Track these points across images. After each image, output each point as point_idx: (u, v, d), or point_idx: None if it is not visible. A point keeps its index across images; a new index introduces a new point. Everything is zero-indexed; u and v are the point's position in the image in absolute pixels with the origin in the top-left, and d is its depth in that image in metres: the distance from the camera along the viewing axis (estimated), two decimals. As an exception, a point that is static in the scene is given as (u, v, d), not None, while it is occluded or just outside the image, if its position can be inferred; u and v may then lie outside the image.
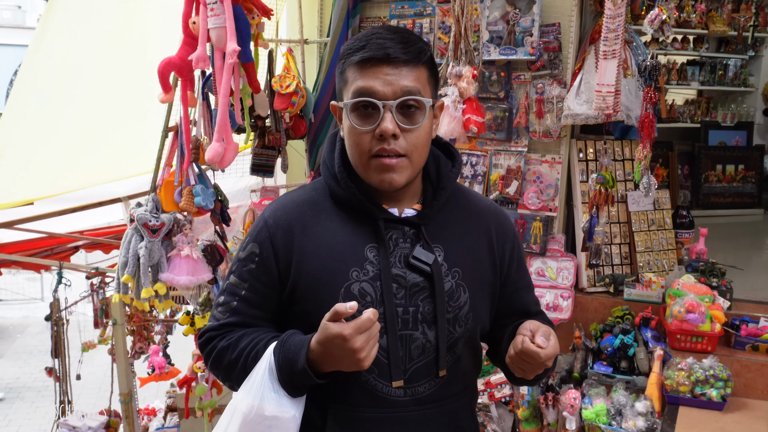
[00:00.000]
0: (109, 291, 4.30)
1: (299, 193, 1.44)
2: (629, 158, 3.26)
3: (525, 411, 2.92)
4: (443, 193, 1.40)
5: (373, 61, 1.26)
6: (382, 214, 1.35)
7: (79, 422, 3.94)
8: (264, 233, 1.37)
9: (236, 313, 1.38)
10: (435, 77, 1.36)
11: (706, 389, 2.53)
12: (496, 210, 1.51)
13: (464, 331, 1.36)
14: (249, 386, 1.27)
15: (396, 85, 1.26)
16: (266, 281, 1.36)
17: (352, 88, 1.29)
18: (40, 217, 4.02)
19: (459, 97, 2.61)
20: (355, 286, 1.31)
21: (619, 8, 2.48)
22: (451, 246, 1.38)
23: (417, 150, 1.30)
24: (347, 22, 3.30)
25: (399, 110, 1.27)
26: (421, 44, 1.31)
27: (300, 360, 1.23)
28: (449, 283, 1.35)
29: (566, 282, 3.07)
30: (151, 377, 4.12)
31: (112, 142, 3.76)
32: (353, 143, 1.31)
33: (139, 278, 2.58)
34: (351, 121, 1.29)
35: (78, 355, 4.87)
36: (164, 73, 2.47)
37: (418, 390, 1.33)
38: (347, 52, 1.31)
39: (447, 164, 1.44)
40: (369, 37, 1.29)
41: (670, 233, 3.31)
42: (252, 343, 1.33)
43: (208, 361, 1.41)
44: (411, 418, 1.33)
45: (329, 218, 1.37)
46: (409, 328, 1.32)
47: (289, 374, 1.24)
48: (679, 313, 2.68)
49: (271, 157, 3.24)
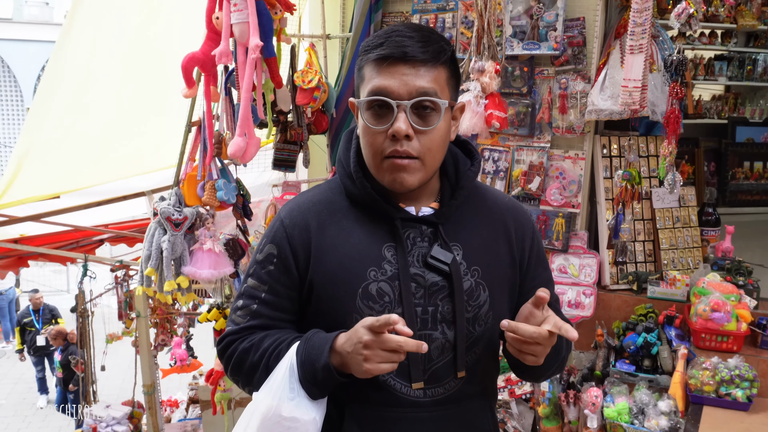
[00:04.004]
0: (133, 284, 4.36)
1: (314, 192, 1.43)
2: (654, 154, 3.22)
3: (546, 408, 2.90)
4: (461, 193, 1.38)
5: (391, 60, 1.23)
6: (399, 213, 1.33)
7: (103, 412, 4.00)
8: (281, 233, 1.36)
9: (257, 316, 1.36)
10: (456, 77, 1.33)
11: (732, 389, 2.49)
12: (514, 206, 1.48)
13: (484, 331, 1.34)
14: (269, 386, 1.25)
15: (411, 85, 1.23)
16: (286, 282, 1.35)
17: (368, 86, 1.26)
18: (65, 210, 4.09)
19: (481, 92, 2.59)
20: (373, 286, 1.29)
21: (646, 2, 2.45)
22: (470, 244, 1.36)
23: (431, 152, 1.27)
24: (369, 17, 3.29)
25: (414, 111, 1.24)
26: (443, 43, 1.28)
27: (323, 356, 1.22)
28: (468, 282, 1.33)
29: (589, 279, 3.04)
30: (173, 369, 4.18)
31: (136, 137, 3.81)
32: (367, 142, 1.29)
33: (162, 271, 2.60)
34: (365, 119, 1.27)
35: (102, 347, 4.95)
36: (188, 68, 2.49)
37: (437, 390, 1.32)
38: (366, 49, 1.28)
39: (466, 163, 1.42)
40: (389, 34, 1.26)
41: (695, 231, 3.26)
42: (275, 343, 1.31)
43: (229, 365, 1.39)
44: (429, 418, 1.32)
45: (345, 217, 1.35)
46: (428, 328, 1.30)
47: (311, 371, 1.23)
48: (704, 312, 2.64)
49: (293, 152, 3.25)
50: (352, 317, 1.27)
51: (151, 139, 3.82)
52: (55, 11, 15.46)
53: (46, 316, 7.85)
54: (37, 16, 15.32)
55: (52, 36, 13.95)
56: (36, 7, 15.37)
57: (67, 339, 7.00)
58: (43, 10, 15.46)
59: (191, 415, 5.09)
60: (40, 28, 15.05)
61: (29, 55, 15.01)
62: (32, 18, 15.28)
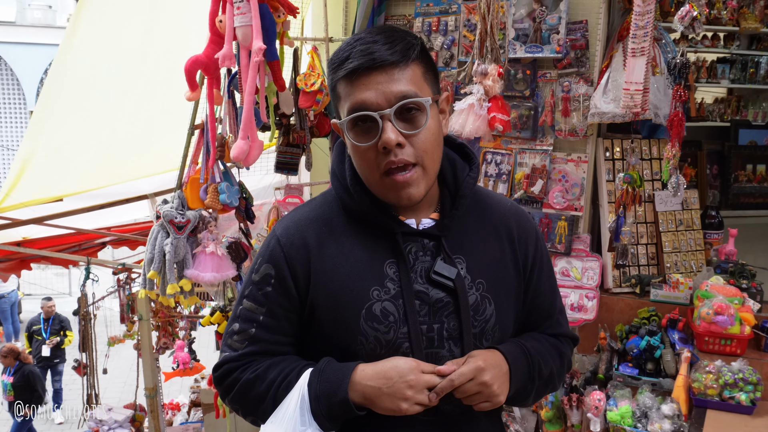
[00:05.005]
0: (135, 287, 4.36)
1: (310, 207, 1.36)
2: (657, 157, 3.22)
3: (548, 412, 2.90)
4: (463, 201, 1.33)
5: (360, 71, 1.18)
6: (399, 227, 1.28)
7: (105, 416, 4.00)
8: (277, 252, 1.29)
9: (256, 341, 1.29)
10: (432, 70, 1.27)
11: (735, 393, 2.48)
12: (517, 211, 1.44)
13: (491, 346, 1.30)
14: (279, 418, 1.21)
15: (389, 91, 1.17)
16: (285, 304, 1.29)
17: (346, 104, 1.21)
18: (68, 213, 4.10)
19: (484, 95, 2.59)
20: (376, 306, 1.24)
21: (649, 5, 2.45)
22: (473, 256, 1.32)
23: (428, 154, 1.22)
24: (372, 20, 3.30)
25: (398, 117, 1.19)
26: (409, 38, 1.22)
27: (341, 391, 1.19)
28: (473, 296, 1.29)
29: (591, 282, 3.03)
30: (175, 372, 4.17)
31: (140, 139, 3.82)
32: (360, 162, 1.24)
33: (165, 274, 2.60)
34: (351, 139, 1.22)
35: (105, 350, 4.95)
36: (191, 71, 2.49)
37: (446, 408, 1.26)
38: (333, 66, 1.22)
39: (464, 168, 1.36)
40: (352, 45, 1.20)
41: (698, 234, 3.25)
42: (283, 374, 1.26)
43: (229, 394, 1.32)
44: (434, 428, 1.28)
45: (344, 234, 1.29)
46: (434, 346, 1.26)
47: (326, 405, 1.19)
48: (708, 315, 2.64)
49: (296, 155, 3.25)
50: (357, 340, 1.24)
51: (155, 142, 3.82)
52: (58, 14, 15.50)
53: (55, 326, 7.55)
54: (40, 20, 15.36)
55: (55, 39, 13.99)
56: (39, 10, 15.41)
57: (20, 359, 6.60)
58: (46, 13, 15.49)
59: (193, 418, 5.09)
60: (43, 32, 15.08)
61: (32, 58, 15.04)
62: (35, 21, 15.31)
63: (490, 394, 1.23)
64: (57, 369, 7.67)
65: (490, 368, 1.23)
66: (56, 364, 7.62)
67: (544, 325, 1.46)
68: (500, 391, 1.25)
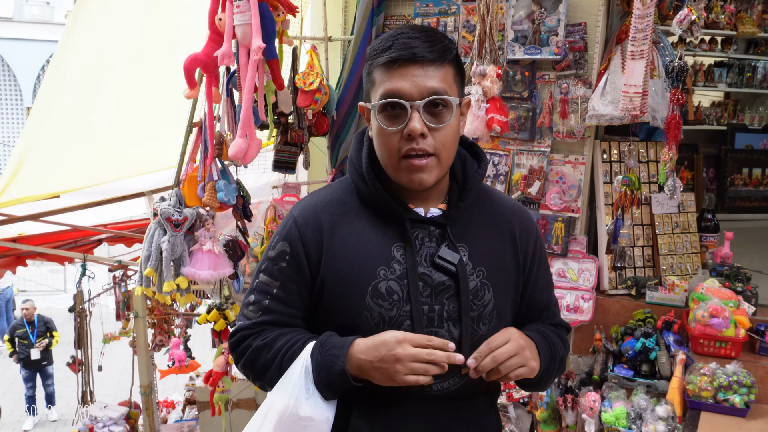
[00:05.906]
0: (131, 284, 4.36)
1: (327, 192, 1.46)
2: (654, 160, 3.22)
3: (543, 412, 2.90)
4: (469, 195, 1.42)
5: (400, 62, 1.27)
6: (408, 214, 1.37)
7: (100, 413, 3.99)
8: (293, 231, 1.39)
9: (269, 311, 1.39)
10: (461, 75, 1.37)
11: (729, 395, 2.49)
12: (520, 210, 1.53)
13: (488, 330, 1.38)
14: (285, 386, 1.29)
15: (422, 85, 1.27)
16: (298, 279, 1.38)
17: (380, 89, 1.30)
18: (65, 210, 4.08)
19: (483, 96, 2.60)
20: (382, 284, 1.33)
21: (648, 8, 2.46)
22: (476, 245, 1.40)
23: (445, 148, 1.31)
24: (371, 20, 3.30)
25: (426, 110, 1.28)
26: (447, 42, 1.32)
27: (338, 362, 1.27)
28: (474, 282, 1.37)
29: (587, 284, 3.04)
30: (171, 370, 4.16)
31: (137, 137, 3.81)
32: (382, 144, 1.33)
33: (162, 272, 2.60)
34: (379, 122, 1.31)
35: (100, 347, 4.94)
36: (190, 69, 2.49)
37: (442, 386, 1.36)
38: (374, 53, 1.32)
39: (473, 165, 1.46)
40: (395, 37, 1.29)
41: (694, 236, 3.27)
42: (288, 343, 1.35)
43: (241, 360, 1.42)
44: (434, 411, 1.37)
45: (357, 217, 1.39)
46: (434, 326, 1.34)
47: (326, 376, 1.27)
48: (703, 318, 2.65)
49: (294, 153, 3.26)
50: (362, 315, 1.32)
51: (152, 139, 3.82)
52: (56, 11, 15.46)
53: (41, 328, 7.43)
54: (38, 16, 15.32)
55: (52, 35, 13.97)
56: (37, 6, 15.37)
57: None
58: (44, 9, 15.46)
59: (188, 416, 5.09)
60: (41, 28, 15.05)
61: (29, 54, 15.01)
62: (33, 17, 15.28)
63: (532, 369, 1.34)
64: (47, 372, 7.54)
65: (528, 346, 1.35)
66: (44, 367, 7.48)
67: (542, 316, 1.55)
68: (537, 364, 1.37)
